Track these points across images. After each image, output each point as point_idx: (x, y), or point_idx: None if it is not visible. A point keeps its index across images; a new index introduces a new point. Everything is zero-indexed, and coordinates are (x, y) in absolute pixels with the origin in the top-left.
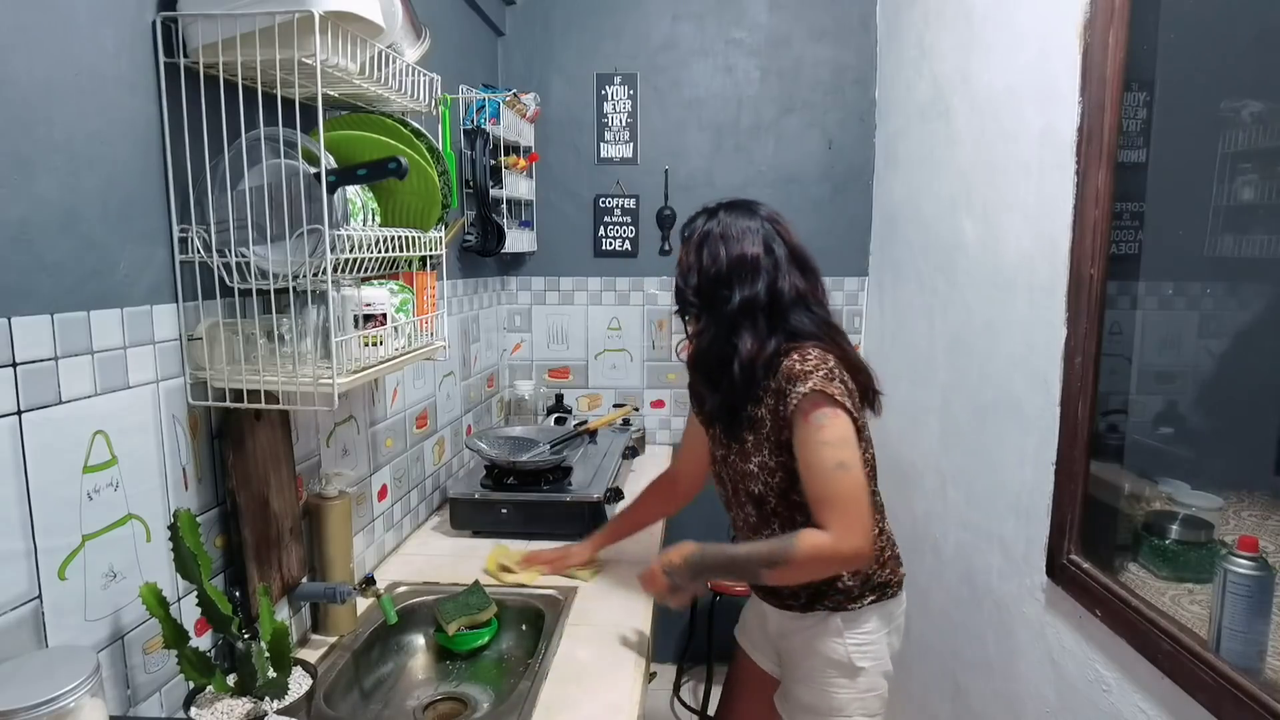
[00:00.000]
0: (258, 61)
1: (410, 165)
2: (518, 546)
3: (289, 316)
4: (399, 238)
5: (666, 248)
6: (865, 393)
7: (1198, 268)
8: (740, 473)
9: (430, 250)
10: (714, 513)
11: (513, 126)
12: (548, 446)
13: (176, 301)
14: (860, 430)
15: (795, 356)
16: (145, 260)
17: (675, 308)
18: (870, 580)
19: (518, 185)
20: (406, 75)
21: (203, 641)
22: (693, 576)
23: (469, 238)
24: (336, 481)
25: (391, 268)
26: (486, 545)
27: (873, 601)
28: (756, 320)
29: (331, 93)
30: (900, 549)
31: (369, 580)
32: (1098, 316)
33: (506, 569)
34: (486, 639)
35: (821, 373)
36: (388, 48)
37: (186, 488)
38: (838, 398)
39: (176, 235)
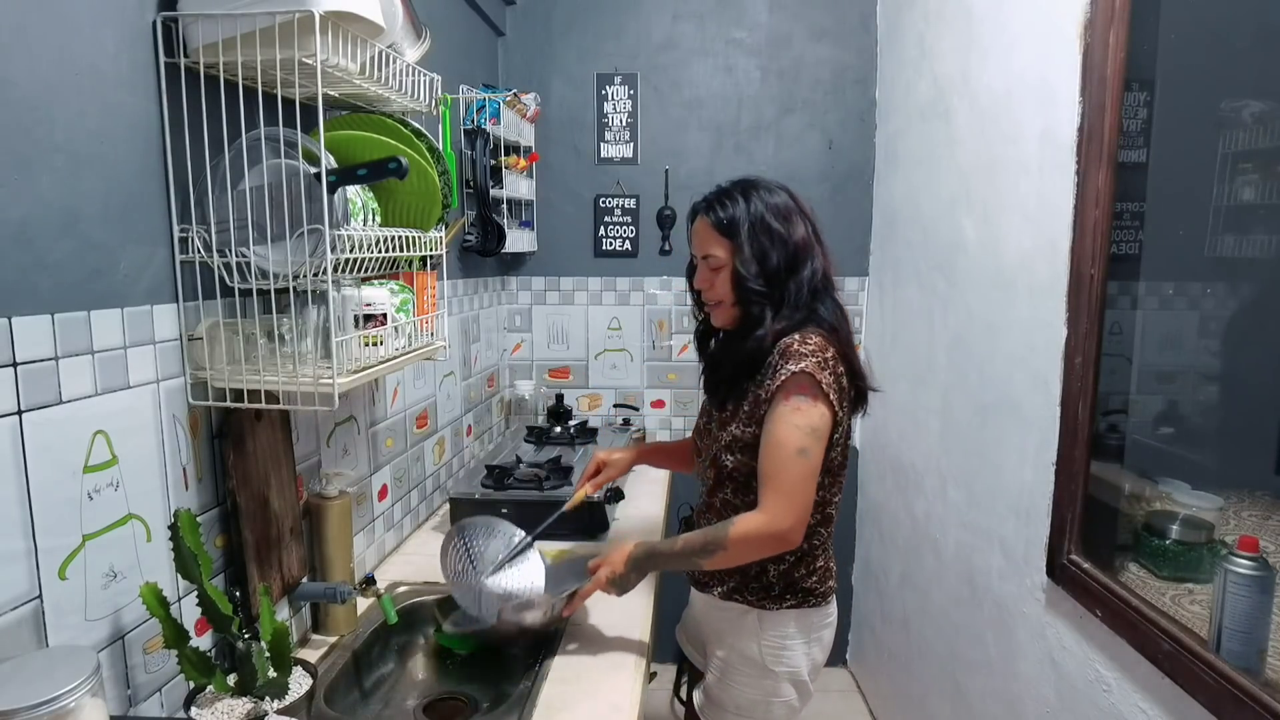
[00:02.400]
0: (258, 61)
1: (410, 165)
2: None
3: (289, 316)
4: (399, 238)
5: (667, 248)
6: (858, 396)
7: (1198, 268)
8: (714, 439)
9: (430, 250)
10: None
11: (513, 126)
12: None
13: (177, 301)
14: (837, 428)
15: (798, 336)
16: (145, 260)
17: (733, 298)
18: (795, 583)
19: (518, 185)
20: (407, 75)
21: (203, 641)
22: (637, 576)
23: (469, 238)
24: (337, 481)
25: (392, 268)
26: None
27: (792, 605)
28: (801, 304)
29: (332, 93)
30: (900, 548)
31: (369, 580)
32: (1098, 317)
33: None
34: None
35: (816, 359)
36: (388, 48)
37: (187, 487)
38: (824, 387)
39: (177, 235)
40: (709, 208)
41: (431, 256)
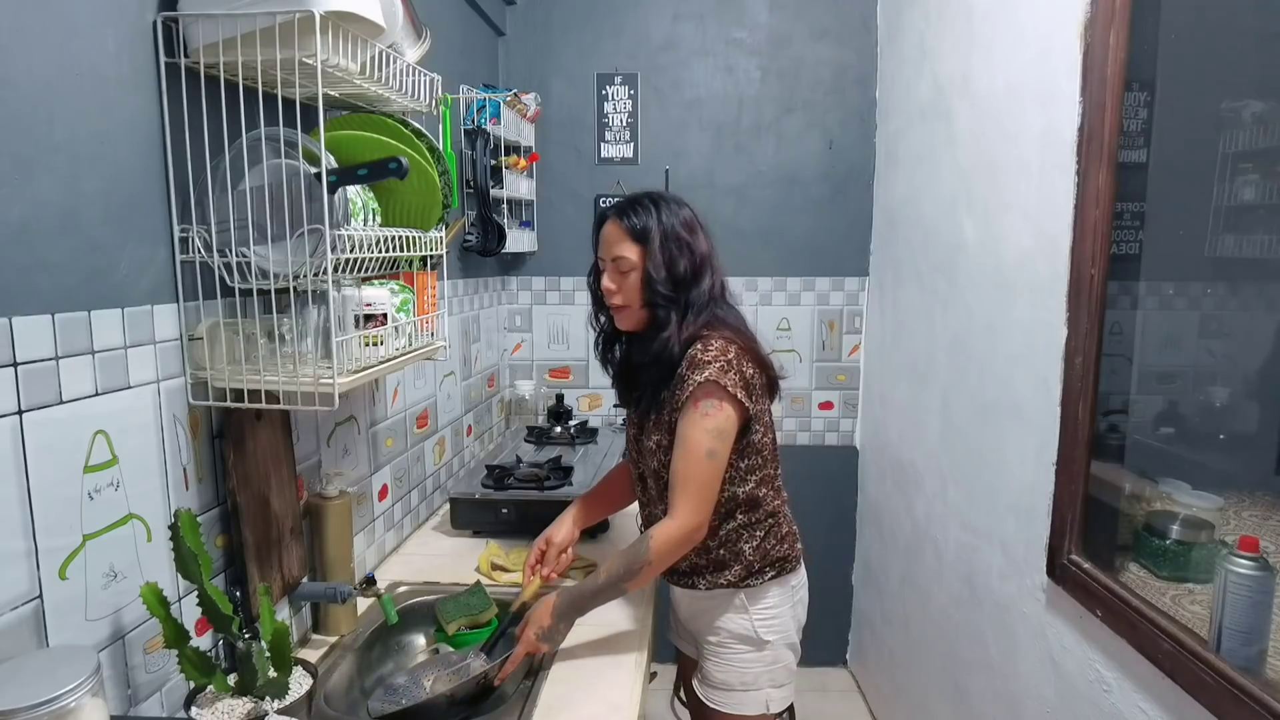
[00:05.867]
0: (258, 61)
1: (411, 165)
2: (513, 547)
3: (289, 316)
4: (399, 238)
5: None
6: (770, 385)
7: (1198, 268)
8: (643, 449)
9: (431, 250)
10: None
11: (513, 126)
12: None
13: (177, 301)
14: (755, 417)
15: (699, 345)
16: (146, 260)
17: (640, 301)
18: (769, 555)
19: (518, 185)
20: (407, 75)
21: (203, 641)
22: (565, 624)
23: (469, 238)
24: (337, 481)
25: (392, 268)
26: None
27: (773, 577)
28: (703, 309)
29: (332, 93)
30: (900, 548)
31: (369, 580)
32: (1098, 317)
33: (500, 568)
34: (487, 639)
35: (719, 364)
36: (388, 48)
37: (187, 487)
38: (729, 389)
39: (177, 235)
40: (621, 213)
41: (431, 256)
